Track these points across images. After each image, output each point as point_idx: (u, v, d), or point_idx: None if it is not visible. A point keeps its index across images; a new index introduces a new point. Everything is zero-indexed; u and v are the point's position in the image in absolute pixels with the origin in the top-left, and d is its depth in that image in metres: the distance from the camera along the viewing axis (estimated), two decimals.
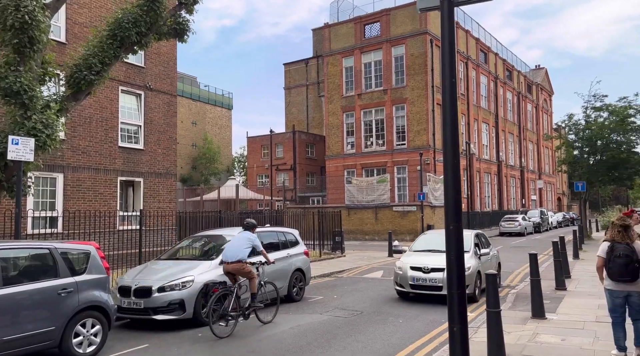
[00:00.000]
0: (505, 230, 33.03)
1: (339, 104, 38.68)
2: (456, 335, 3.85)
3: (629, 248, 5.68)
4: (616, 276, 5.67)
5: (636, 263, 5.62)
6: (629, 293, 5.73)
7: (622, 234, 5.81)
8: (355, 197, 33.74)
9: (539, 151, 60.33)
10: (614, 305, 5.85)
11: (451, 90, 4.29)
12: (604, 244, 5.94)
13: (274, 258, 10.65)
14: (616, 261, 5.65)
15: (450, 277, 3.99)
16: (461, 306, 3.89)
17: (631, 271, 5.62)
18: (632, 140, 27.95)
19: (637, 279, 5.68)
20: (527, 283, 12.50)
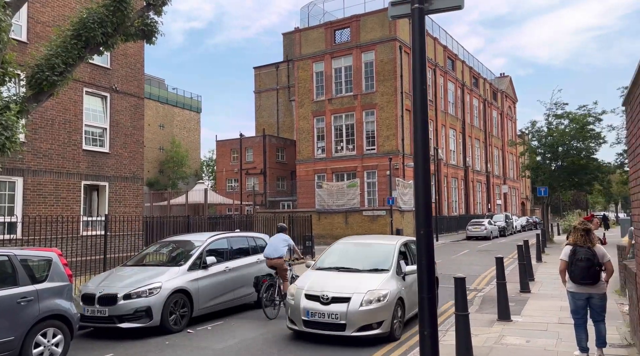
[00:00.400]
0: (472, 234, 33.73)
1: (309, 109, 38.75)
2: (426, 338, 3.89)
3: (591, 251, 5.84)
4: (578, 279, 5.80)
5: (597, 266, 5.79)
6: (590, 295, 5.88)
7: (584, 238, 5.95)
8: (326, 201, 33.82)
9: (504, 156, 62.01)
10: (576, 306, 5.98)
11: (422, 96, 4.35)
12: (567, 248, 6.08)
13: (244, 263, 10.57)
14: (578, 264, 5.78)
15: (420, 281, 4.03)
16: (431, 310, 3.93)
17: (592, 274, 5.77)
18: (591, 147, 29.09)
19: (598, 282, 5.85)
20: (493, 286, 12.78)
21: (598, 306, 5.92)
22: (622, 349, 6.45)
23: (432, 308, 3.94)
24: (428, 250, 3.99)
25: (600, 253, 5.90)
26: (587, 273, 5.75)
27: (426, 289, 3.93)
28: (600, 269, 5.83)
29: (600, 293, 5.91)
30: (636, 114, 4.98)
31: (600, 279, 5.88)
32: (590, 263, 5.76)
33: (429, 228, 3.99)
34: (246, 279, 10.45)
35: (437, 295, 9.65)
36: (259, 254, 11.21)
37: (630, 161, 5.71)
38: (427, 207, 4.05)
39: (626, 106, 5.83)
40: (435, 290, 4.03)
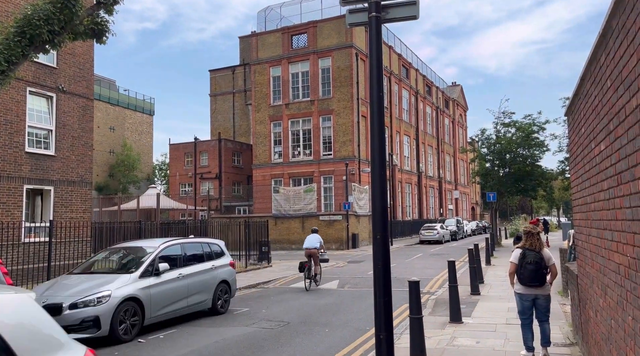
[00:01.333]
0: (425, 238, 34.52)
1: (266, 113, 38.57)
2: (382, 342, 3.93)
3: (539, 255, 6.10)
4: (527, 281, 6.03)
5: (544, 269, 6.07)
6: (536, 296, 6.15)
7: (533, 241, 6.21)
8: (283, 206, 33.69)
9: (455, 163, 64.00)
10: (523, 307, 6.22)
11: (378, 102, 4.42)
12: (517, 251, 6.32)
13: (198, 270, 10.34)
14: (527, 267, 6.02)
15: (376, 285, 4.08)
16: (387, 314, 3.98)
17: (540, 277, 6.04)
18: (535, 154, 30.54)
19: (544, 284, 6.13)
20: (446, 289, 13.11)
21: (543, 307, 6.19)
22: (565, 348, 6.77)
23: (387, 311, 3.99)
24: (384, 254, 4.05)
25: (546, 257, 6.18)
26: (535, 275, 5.99)
27: (382, 293, 3.98)
28: (546, 272, 6.11)
29: (545, 294, 6.19)
30: (577, 123, 5.28)
31: (546, 282, 6.15)
32: (539, 266, 6.01)
33: (385, 232, 4.04)
34: (200, 286, 10.23)
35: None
36: (214, 260, 11.02)
37: (572, 168, 6.03)
38: (383, 213, 4.11)
39: (568, 116, 6.15)
40: (391, 294, 4.09)
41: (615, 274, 3.62)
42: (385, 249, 4.08)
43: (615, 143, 3.40)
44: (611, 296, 3.88)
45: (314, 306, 11.53)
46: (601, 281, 4.31)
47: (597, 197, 4.30)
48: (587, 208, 4.94)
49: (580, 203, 5.42)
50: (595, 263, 4.60)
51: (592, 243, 4.67)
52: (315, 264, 14.53)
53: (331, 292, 13.92)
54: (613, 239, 3.64)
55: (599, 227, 4.31)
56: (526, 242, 6.29)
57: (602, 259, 4.21)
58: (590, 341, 5.37)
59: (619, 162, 3.31)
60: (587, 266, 5.14)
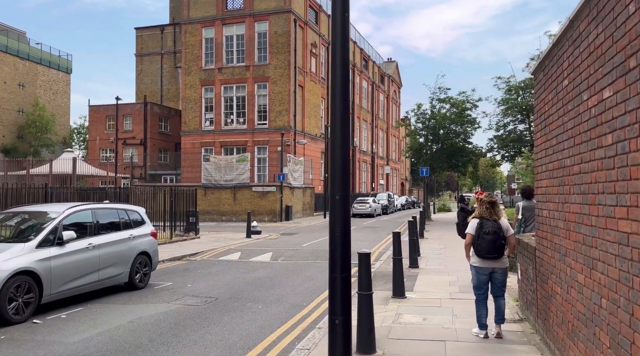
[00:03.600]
0: (357, 212, 34.54)
1: (197, 77, 36.29)
2: (338, 328, 3.13)
3: (497, 224, 5.70)
4: (484, 252, 5.63)
5: (502, 240, 5.67)
6: (493, 270, 5.76)
7: (490, 211, 5.81)
8: (213, 176, 32.11)
9: (388, 139, 64.83)
10: (479, 281, 5.82)
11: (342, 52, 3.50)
12: (473, 221, 5.88)
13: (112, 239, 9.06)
14: (485, 237, 5.62)
15: (332, 257, 3.24)
16: (345, 293, 3.18)
17: (498, 248, 5.65)
18: (468, 131, 31.14)
19: (502, 256, 5.74)
20: (382, 262, 12.72)
21: (500, 281, 5.81)
22: (515, 324, 6.41)
23: (346, 290, 3.18)
24: (344, 219, 3.21)
25: (505, 227, 5.79)
26: (493, 246, 5.60)
27: (340, 267, 3.16)
28: (504, 243, 5.72)
29: (503, 267, 5.80)
30: (555, 78, 4.68)
31: (504, 254, 5.76)
32: (497, 236, 5.61)
33: (346, 193, 3.20)
34: (115, 258, 8.97)
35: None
36: (132, 229, 9.73)
37: (540, 131, 5.50)
38: (344, 167, 3.25)
39: (538, 74, 5.59)
40: (350, 269, 3.27)
41: (619, 246, 3.02)
42: (345, 213, 3.24)
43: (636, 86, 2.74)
44: (604, 272, 3.31)
45: (246, 280, 10.64)
46: (585, 254, 3.76)
47: (587, 157, 3.69)
48: (564, 172, 4.38)
49: (551, 168, 4.88)
50: (574, 234, 4.05)
51: (572, 212, 4.12)
52: None
53: (264, 265, 13.08)
54: (619, 204, 3.02)
55: (586, 192, 3.73)
56: (478, 211, 5.87)
57: (589, 230, 3.64)
58: (552, 320, 4.93)
59: None
60: (558, 237, 4.63)
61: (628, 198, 2.88)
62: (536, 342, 5.54)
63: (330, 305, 3.24)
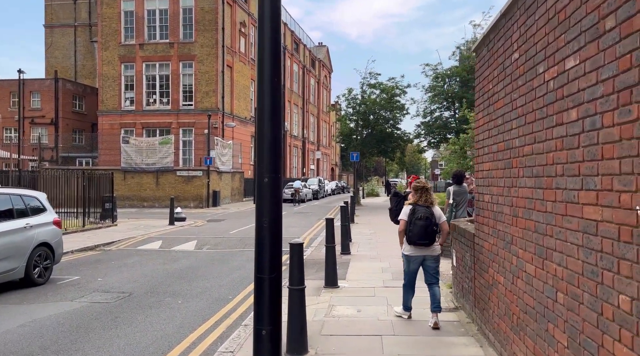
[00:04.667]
0: (288, 197, 34.03)
1: (116, 53, 33.64)
2: (264, 341, 2.54)
3: (430, 210, 5.65)
4: (416, 238, 5.56)
5: (434, 226, 5.60)
6: (424, 258, 5.70)
7: (424, 197, 5.75)
8: (134, 159, 30.08)
9: (319, 124, 64.65)
10: (410, 270, 5.78)
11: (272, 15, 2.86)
12: (407, 207, 5.80)
13: (3, 230, 7.83)
14: (417, 223, 5.55)
15: (260, 253, 2.64)
16: (274, 299, 2.59)
17: (430, 234, 5.57)
18: (397, 117, 31.53)
19: (434, 243, 5.68)
20: (314, 248, 12.30)
21: (432, 269, 5.75)
22: (451, 313, 6.18)
23: (275, 295, 2.59)
24: (274, 205, 2.61)
25: (437, 213, 5.72)
26: (425, 232, 5.53)
27: (268, 266, 2.57)
28: (436, 230, 5.64)
29: (435, 255, 5.75)
30: (502, 52, 4.34)
31: (436, 241, 5.70)
32: (429, 222, 5.55)
33: (277, 174, 2.60)
34: (7, 251, 7.78)
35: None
36: (30, 217, 8.50)
37: (482, 111, 5.19)
38: (275, 143, 2.64)
39: (481, 50, 5.26)
40: (281, 268, 2.68)
41: (584, 235, 2.68)
42: (276, 199, 2.64)
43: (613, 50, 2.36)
44: (562, 264, 2.98)
45: (166, 272, 9.75)
46: (537, 242, 3.44)
47: (542, 136, 3.35)
48: (512, 154, 4.06)
49: (496, 150, 4.56)
50: (524, 221, 3.74)
51: (522, 196, 3.80)
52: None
53: (187, 254, 12.18)
54: (585, 187, 2.67)
55: (539, 174, 3.40)
56: (419, 198, 5.75)
57: (543, 216, 3.32)
58: (493, 310, 4.67)
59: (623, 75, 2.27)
60: (502, 224, 4.33)
61: (598, 181, 2.52)
62: (474, 333, 5.31)
63: (256, 313, 2.64)
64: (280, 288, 2.64)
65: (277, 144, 2.64)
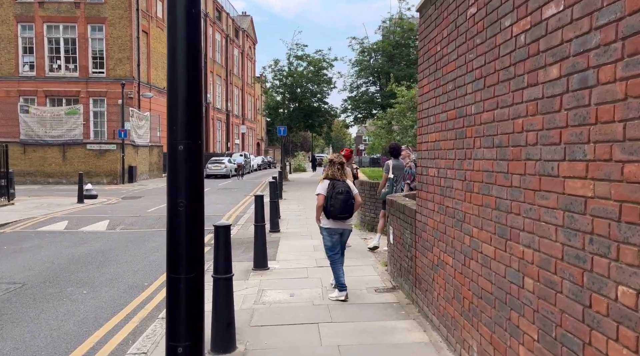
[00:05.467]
0: (212, 172, 32.68)
1: (10, 11, 29.82)
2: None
3: (346, 185, 5.77)
4: (337, 212, 5.63)
5: (352, 200, 5.72)
6: (343, 231, 5.83)
7: (341, 171, 5.84)
8: (35, 131, 27.14)
9: (243, 97, 62.71)
10: (333, 242, 5.78)
11: None
12: (325, 182, 5.83)
13: None
14: (338, 197, 5.62)
15: (173, 245, 1.97)
16: (194, 304, 1.94)
17: (349, 208, 5.69)
18: (324, 91, 31.05)
19: (351, 217, 5.80)
20: (240, 226, 11.61)
21: (345, 242, 5.96)
22: (389, 294, 5.83)
23: (195, 300, 1.94)
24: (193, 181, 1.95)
25: (351, 186, 5.86)
26: (346, 206, 5.64)
27: (184, 262, 1.91)
28: (354, 203, 5.75)
29: (350, 229, 5.94)
30: (454, 9, 3.87)
31: (353, 214, 5.81)
32: (348, 196, 5.67)
33: (197, 142, 1.95)
34: None
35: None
36: None
37: (429, 75, 4.75)
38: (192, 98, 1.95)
39: (427, 9, 4.78)
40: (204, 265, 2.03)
41: (565, 214, 2.29)
42: (195, 172, 1.97)
43: None
44: (532, 246, 2.61)
45: (71, 257, 8.62)
46: (498, 221, 3.05)
47: (507, 100, 2.93)
48: (466, 122, 3.64)
49: (445, 119, 4.14)
50: (481, 197, 3.35)
51: (478, 169, 3.40)
52: None
53: (98, 235, 10.97)
54: (569, 158, 2.27)
55: (503, 144, 2.99)
56: (330, 172, 5.85)
57: (508, 191, 2.93)
58: (438, 292, 4.34)
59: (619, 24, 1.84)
60: (452, 200, 3.95)
61: (589, 150, 2.11)
62: (415, 315, 4.99)
63: (169, 325, 1.96)
64: (202, 290, 2.00)
65: (195, 99, 1.95)
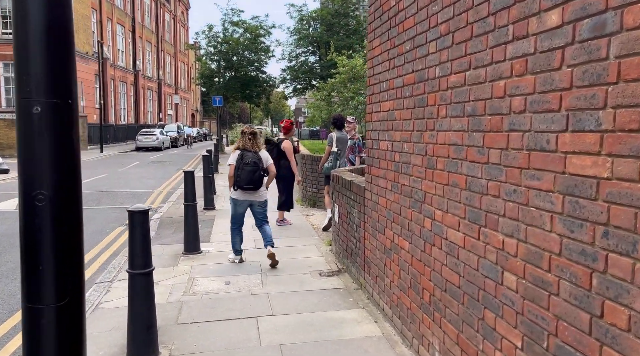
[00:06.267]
0: (142, 144, 30.78)
1: None
2: None
3: (257, 156, 5.77)
4: (244, 183, 5.68)
5: (262, 171, 5.74)
6: (251, 203, 5.89)
7: (252, 142, 5.82)
8: None
9: (176, 65, 59.53)
10: (236, 213, 5.95)
11: None
12: (235, 152, 5.86)
13: None
14: (245, 168, 5.67)
15: (31, 261, 1.29)
16: (63, 343, 1.28)
17: (257, 179, 5.70)
18: (262, 59, 29.86)
19: (259, 189, 5.81)
20: (172, 203, 10.72)
21: (260, 214, 6.01)
22: (334, 278, 5.36)
23: (65, 337, 1.28)
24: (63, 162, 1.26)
25: (264, 157, 5.88)
26: (253, 177, 5.67)
27: (51, 286, 1.24)
28: (264, 175, 5.79)
29: (261, 201, 5.95)
30: None
31: (262, 187, 5.84)
32: (256, 167, 5.69)
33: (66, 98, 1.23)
34: None
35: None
36: None
37: (378, 37, 4.18)
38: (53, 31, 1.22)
39: None
40: (83, 288, 1.35)
41: (565, 198, 1.83)
42: (67, 149, 1.27)
43: None
44: (516, 236, 2.15)
45: None
46: (469, 203, 2.59)
47: (485, 57, 2.43)
48: (428, 88, 3.12)
49: (401, 84, 3.61)
50: (446, 175, 2.87)
51: (442, 143, 2.90)
52: None
53: (5, 216, 9.66)
54: (581, 128, 1.80)
55: (477, 113, 2.50)
56: (240, 142, 5.87)
57: (486, 169, 2.45)
58: (392, 280, 3.90)
59: None
60: (409, 177, 3.46)
61: (607, 118, 1.64)
62: (364, 303, 4.55)
63: None
64: (80, 323, 1.34)
65: (60, 33, 1.25)
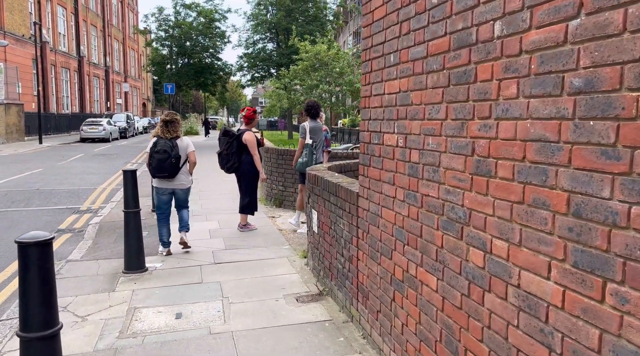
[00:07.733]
0: (88, 135, 28.53)
1: None
2: None
3: (170, 143, 5.57)
4: (155, 171, 5.57)
5: (174, 159, 5.52)
6: (173, 190, 5.79)
7: (164, 129, 5.64)
8: None
9: (125, 51, 56.36)
10: (160, 201, 5.79)
11: None
12: (153, 140, 5.69)
13: None
14: (154, 156, 5.53)
15: None
16: None
17: (168, 167, 5.51)
18: (217, 45, 28.21)
19: (176, 176, 5.63)
20: (116, 204, 9.34)
21: (182, 199, 5.92)
22: (316, 305, 4.23)
23: None
24: None
25: (183, 145, 5.67)
26: (163, 165, 5.50)
27: None
28: (178, 162, 5.58)
29: (183, 189, 5.83)
30: None
31: (179, 174, 5.64)
32: (167, 155, 5.49)
33: None
34: None
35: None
36: None
37: (368, 16, 3.13)
38: None
39: None
40: None
41: None
42: None
43: None
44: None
45: None
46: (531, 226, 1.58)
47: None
48: (475, 55, 2.09)
49: (422, 55, 2.57)
50: (512, 188, 1.86)
51: (506, 138, 1.89)
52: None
53: None
54: None
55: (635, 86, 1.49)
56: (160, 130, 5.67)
57: (634, 186, 1.45)
58: (404, 322, 2.88)
59: None
60: (438, 186, 2.44)
61: None
62: (360, 345, 3.49)
63: None
64: None
65: None
